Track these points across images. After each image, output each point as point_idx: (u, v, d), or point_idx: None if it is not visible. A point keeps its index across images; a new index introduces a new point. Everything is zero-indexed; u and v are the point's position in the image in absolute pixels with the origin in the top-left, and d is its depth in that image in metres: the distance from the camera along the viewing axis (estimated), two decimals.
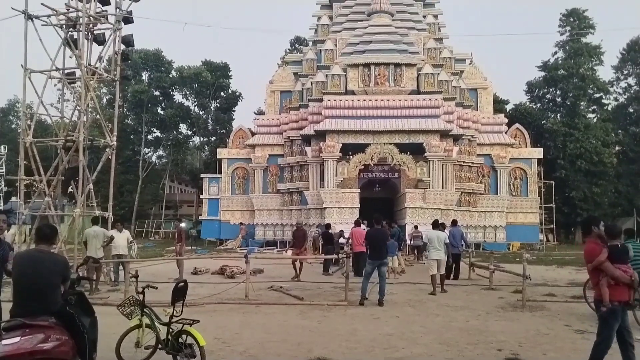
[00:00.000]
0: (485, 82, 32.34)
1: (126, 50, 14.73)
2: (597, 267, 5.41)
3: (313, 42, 33.54)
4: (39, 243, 4.58)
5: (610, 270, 5.35)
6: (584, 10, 41.41)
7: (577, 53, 40.43)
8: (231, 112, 49.06)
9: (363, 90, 28.08)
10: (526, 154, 31.59)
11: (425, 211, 25.65)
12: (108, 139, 13.97)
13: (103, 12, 14.17)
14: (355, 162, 26.27)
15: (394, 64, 28.21)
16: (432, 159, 26.69)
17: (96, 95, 15.00)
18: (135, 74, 43.79)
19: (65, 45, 13.89)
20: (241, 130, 34.35)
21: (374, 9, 29.89)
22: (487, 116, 31.50)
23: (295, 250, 16.57)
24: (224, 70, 47.35)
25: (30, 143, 13.18)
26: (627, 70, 44.47)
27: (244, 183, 32.66)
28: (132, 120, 46.14)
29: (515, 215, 30.71)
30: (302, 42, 45.33)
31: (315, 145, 28.23)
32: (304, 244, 16.78)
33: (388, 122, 26.86)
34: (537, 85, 43.74)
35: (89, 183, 13.25)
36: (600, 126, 39.39)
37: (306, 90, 30.32)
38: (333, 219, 24.86)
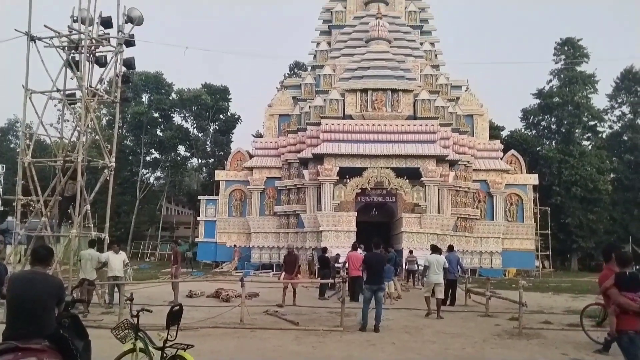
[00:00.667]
0: (481, 109, 32.70)
1: (127, 73, 14.87)
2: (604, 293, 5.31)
3: (312, 67, 33.95)
4: (34, 264, 4.57)
5: (615, 297, 5.23)
6: (578, 40, 42.15)
7: (571, 81, 41.01)
8: (230, 135, 49.36)
9: (360, 115, 28.34)
10: (522, 180, 31.77)
11: (421, 236, 25.67)
12: (106, 160, 14.01)
13: (105, 34, 14.34)
14: (352, 185, 26.36)
15: (391, 90, 28.54)
16: (429, 183, 26.81)
17: (96, 116, 15.08)
18: (135, 95, 44.15)
19: (66, 67, 14.02)
20: (239, 152, 34.50)
21: (372, 36, 30.36)
22: (483, 142, 31.77)
23: (286, 276, 15.42)
24: (224, 94, 47.79)
25: (28, 163, 13.20)
26: (621, 98, 45.06)
27: (241, 205, 32.65)
28: (131, 141, 46.29)
29: (511, 241, 30.72)
30: (301, 67, 45.87)
31: (313, 169, 28.35)
32: (295, 270, 15.65)
33: (385, 147, 27.05)
34: (532, 112, 44.23)
35: (86, 204, 13.24)
36: (595, 153, 39.73)
37: (304, 114, 30.58)
38: (329, 243, 24.84)
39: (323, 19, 34.60)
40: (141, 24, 14.14)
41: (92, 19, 13.70)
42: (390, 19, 31.88)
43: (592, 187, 37.94)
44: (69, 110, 16.14)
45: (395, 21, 32.24)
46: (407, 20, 33.21)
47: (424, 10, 34.30)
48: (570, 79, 41.08)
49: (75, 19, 13.91)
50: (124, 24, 14.04)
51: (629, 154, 43.85)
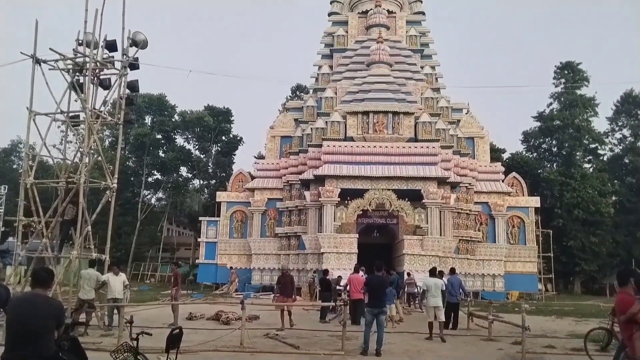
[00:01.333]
0: (481, 131, 32.85)
1: (131, 95, 15.03)
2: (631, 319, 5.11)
3: (314, 90, 34.26)
4: (35, 287, 4.58)
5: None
6: (578, 64, 42.52)
7: (572, 104, 41.25)
8: (232, 156, 49.56)
9: (362, 137, 28.48)
10: (523, 202, 31.73)
11: (423, 258, 25.55)
12: (109, 182, 14.06)
13: (110, 57, 14.54)
14: (353, 207, 26.35)
15: (392, 112, 28.74)
16: (430, 205, 26.78)
17: (99, 137, 15.20)
18: (138, 117, 44.44)
19: (71, 89, 14.18)
20: (241, 173, 34.60)
21: (373, 59, 30.70)
22: (484, 164, 31.83)
23: (280, 298, 14.65)
24: (226, 115, 48.13)
25: (31, 184, 13.26)
26: (621, 121, 45.28)
27: (242, 227, 32.60)
28: (133, 162, 46.46)
29: (513, 264, 30.54)
30: (303, 89, 46.27)
31: (314, 190, 28.37)
32: (291, 292, 14.77)
33: (386, 169, 27.11)
34: (533, 135, 44.39)
35: (87, 225, 13.25)
36: (597, 176, 39.74)
37: (306, 136, 30.75)
38: (331, 265, 24.72)
39: (325, 43, 35.05)
40: (145, 48, 14.35)
41: (97, 42, 13.91)
42: (391, 43, 32.27)
43: (594, 210, 37.84)
44: (72, 131, 16.26)
45: (396, 45, 32.62)
46: (407, 44, 33.61)
47: (424, 34, 34.74)
48: (570, 102, 41.34)
49: (80, 42, 14.12)
50: (129, 48, 14.25)
51: (630, 177, 43.86)
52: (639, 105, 44.14)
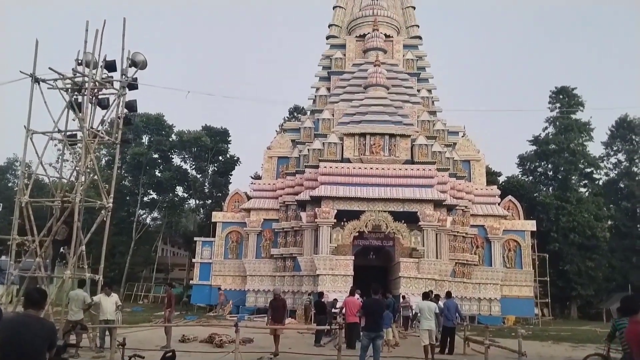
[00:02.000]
0: (477, 155, 33.00)
1: (129, 115, 15.08)
2: None
3: (311, 112, 34.45)
4: (27, 307, 4.51)
5: None
6: (573, 89, 42.95)
7: (567, 129, 41.57)
8: (228, 176, 49.56)
9: (359, 158, 28.57)
10: (519, 226, 31.72)
11: (419, 281, 25.40)
12: (104, 201, 14.01)
13: (109, 77, 14.63)
14: (349, 228, 26.26)
15: (389, 135, 28.87)
16: (426, 228, 26.74)
17: (95, 156, 15.19)
18: (135, 136, 44.52)
19: (69, 108, 14.23)
20: (237, 194, 34.53)
21: (370, 82, 30.97)
22: (480, 187, 31.90)
23: (272, 323, 14.17)
24: (224, 136, 48.30)
25: (26, 203, 13.19)
26: (616, 146, 45.63)
27: (237, 247, 32.39)
28: (129, 181, 46.38)
29: (509, 288, 30.38)
30: (301, 111, 46.56)
31: (310, 211, 28.31)
32: (282, 317, 14.37)
33: (383, 190, 27.12)
34: (529, 158, 44.64)
35: (82, 245, 13.15)
36: (592, 200, 39.85)
37: (303, 156, 30.82)
38: (326, 287, 24.53)
39: (323, 65, 35.39)
40: (144, 68, 14.45)
41: (96, 62, 14.01)
42: (388, 66, 32.61)
43: (590, 234, 37.87)
44: (69, 150, 16.26)
45: (393, 68, 32.96)
46: (404, 68, 33.95)
47: (421, 58, 35.14)
48: (565, 127, 41.67)
49: (80, 62, 14.22)
50: (128, 68, 14.34)
51: (625, 201, 44.01)
52: (633, 130, 44.55)
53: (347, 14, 36.91)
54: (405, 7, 36.88)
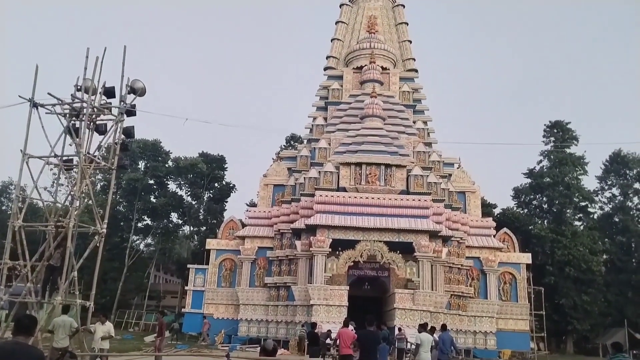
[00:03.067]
0: (473, 186, 33.12)
1: (126, 141, 15.10)
2: None
3: (308, 140, 34.67)
4: (17, 334, 4.46)
5: None
6: (567, 123, 43.48)
7: (561, 162, 41.91)
8: (223, 203, 49.49)
9: (354, 187, 28.62)
10: (515, 258, 31.62)
11: (414, 313, 25.16)
12: (98, 226, 13.91)
13: (107, 104, 14.70)
14: (344, 258, 26.12)
15: (385, 165, 29.01)
16: (422, 259, 26.62)
17: (91, 181, 15.16)
18: (132, 162, 44.55)
19: (66, 134, 14.25)
20: (232, 221, 34.38)
21: (367, 113, 31.30)
22: (475, 219, 31.89)
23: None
24: (220, 163, 48.43)
25: (19, 227, 13.09)
26: (610, 180, 45.94)
27: (230, 275, 32.08)
28: (124, 207, 46.19)
29: (505, 321, 30.08)
30: (297, 139, 46.85)
31: (305, 240, 28.18)
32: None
33: (378, 220, 27.07)
34: (524, 191, 44.82)
35: (74, 271, 12.99)
36: (587, 234, 39.88)
37: (299, 185, 30.85)
38: (320, 317, 24.26)
39: (320, 95, 35.81)
40: (143, 95, 14.55)
41: (95, 88, 14.10)
42: (384, 97, 33.02)
43: (586, 268, 37.77)
44: (65, 175, 16.23)
45: (389, 100, 33.36)
46: (400, 100, 34.37)
47: (416, 90, 35.62)
48: (560, 160, 42.01)
49: (79, 87, 14.31)
50: (127, 95, 14.44)
51: (620, 236, 44.06)
52: (627, 165, 44.94)
53: (345, 46, 37.55)
54: (402, 41, 37.57)
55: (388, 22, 38.20)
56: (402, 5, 38.83)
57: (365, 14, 38.16)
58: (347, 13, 38.71)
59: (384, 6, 38.61)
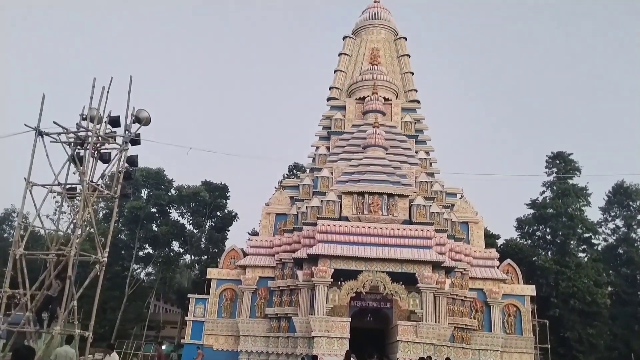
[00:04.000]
0: (476, 217, 32.96)
1: (129, 170, 15.21)
2: None
3: (310, 170, 34.76)
4: None
5: None
6: (569, 154, 43.54)
7: (564, 193, 41.82)
8: (225, 232, 49.35)
9: (357, 217, 28.54)
10: (519, 290, 31.22)
11: (417, 346, 24.71)
12: (99, 255, 13.87)
13: (112, 132, 14.86)
14: (346, 289, 25.84)
15: (387, 194, 28.98)
16: (425, 290, 26.30)
17: (93, 209, 15.18)
18: (135, 190, 44.68)
19: (70, 162, 14.37)
20: (233, 250, 34.17)
21: (369, 142, 31.46)
22: (478, 250, 31.64)
23: None
24: (222, 191, 48.49)
25: (20, 255, 13.06)
26: (614, 212, 45.74)
27: (231, 306, 31.68)
28: (125, 235, 46.08)
29: (510, 355, 29.50)
30: (300, 168, 47.01)
31: (307, 270, 27.94)
32: None
33: (381, 250, 26.88)
34: (527, 222, 44.58)
35: (73, 300, 12.90)
36: (592, 266, 39.50)
37: (301, 214, 30.79)
38: (321, 350, 23.85)
39: (323, 125, 36.09)
40: (148, 125, 14.72)
41: (100, 117, 14.29)
42: (387, 127, 33.23)
43: (591, 300, 37.25)
44: (67, 202, 16.27)
45: (391, 130, 33.57)
46: (402, 130, 34.57)
47: (419, 121, 35.87)
48: (563, 191, 41.93)
49: (84, 116, 14.50)
50: (132, 124, 14.61)
51: (625, 268, 43.61)
52: (630, 197, 44.81)
53: (348, 77, 38.02)
54: (404, 73, 38.03)
55: (390, 54, 38.75)
56: (404, 38, 39.45)
57: (368, 46, 38.76)
58: (350, 45, 39.34)
59: (386, 39, 39.24)
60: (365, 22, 39.88)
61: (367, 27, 39.63)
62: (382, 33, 39.37)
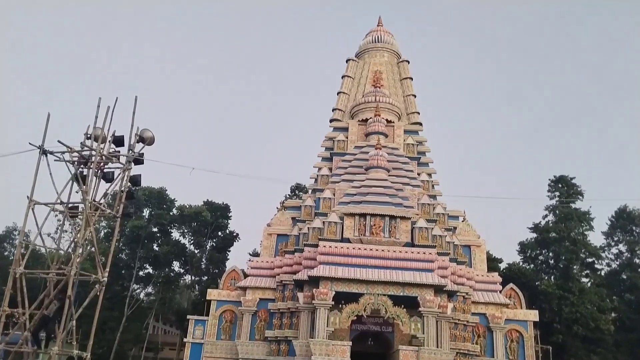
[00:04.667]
0: (478, 240, 32.77)
1: (132, 189, 15.23)
2: None
3: (312, 190, 34.75)
4: None
5: None
6: (571, 178, 43.39)
7: (567, 217, 41.58)
8: (226, 252, 49.12)
9: (358, 239, 28.41)
10: (522, 315, 30.84)
11: None
12: (99, 275, 13.80)
13: (116, 152, 14.92)
14: (347, 312, 25.56)
15: (389, 216, 28.88)
16: (427, 314, 25.99)
17: (95, 228, 15.15)
18: (136, 209, 44.63)
19: (73, 181, 14.40)
20: (234, 271, 33.93)
21: (372, 164, 31.50)
22: (481, 274, 31.35)
23: None
24: (224, 211, 48.40)
25: (20, 274, 12.99)
26: (617, 237, 45.49)
27: (230, 328, 31.33)
28: (126, 255, 45.91)
29: None
30: (302, 189, 46.98)
31: (308, 292, 27.69)
32: None
33: (382, 273, 26.67)
34: (530, 246, 44.27)
35: (72, 319, 12.79)
36: (595, 291, 39.08)
37: (303, 235, 30.66)
38: None
39: (325, 146, 36.22)
40: (152, 144, 14.79)
41: (105, 137, 14.37)
42: (389, 149, 33.30)
43: (594, 327, 36.77)
44: (69, 221, 16.27)
45: (393, 152, 33.63)
46: (405, 152, 34.63)
47: (421, 143, 35.95)
48: (565, 215, 41.69)
49: (88, 136, 14.58)
50: (136, 143, 14.68)
51: (629, 294, 43.16)
52: (633, 222, 44.60)
53: (351, 99, 38.27)
54: (406, 95, 38.27)
55: (393, 76, 39.06)
56: (406, 61, 39.82)
57: (370, 69, 39.10)
58: (353, 68, 39.69)
59: (389, 62, 39.61)
60: (369, 45, 40.30)
61: (370, 50, 40.05)
62: (385, 56, 39.75)
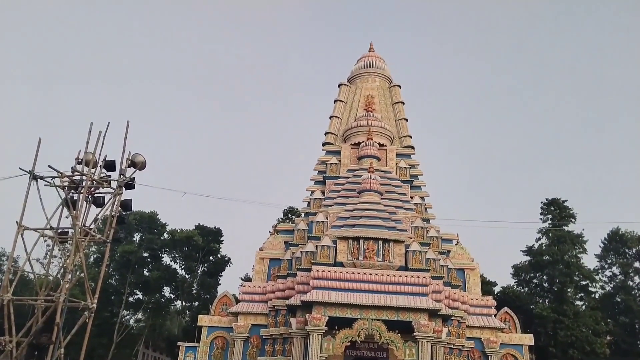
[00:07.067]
0: (472, 263, 32.64)
1: (123, 214, 15.07)
2: None
3: (305, 214, 34.62)
4: None
5: None
6: (564, 201, 43.59)
7: (560, 240, 41.61)
8: (218, 277, 48.56)
9: (352, 262, 28.20)
10: (517, 339, 30.56)
11: None
12: (88, 301, 13.53)
13: (107, 177, 14.81)
14: (341, 337, 25.20)
15: (383, 240, 28.76)
16: (421, 339, 25.67)
17: (84, 253, 14.93)
18: (127, 234, 44.15)
19: (63, 206, 14.23)
20: (225, 296, 33.47)
21: (365, 187, 31.51)
22: (475, 297, 31.13)
23: None
24: (216, 235, 48.01)
25: (8, 300, 12.71)
26: (610, 259, 45.51)
27: (222, 354, 30.73)
28: (116, 280, 45.22)
29: None
30: (295, 212, 46.81)
31: (301, 317, 27.32)
32: None
33: (376, 297, 26.41)
34: (524, 269, 44.19)
35: (60, 347, 12.48)
36: (590, 314, 38.91)
37: (295, 259, 30.40)
38: None
39: (318, 170, 36.27)
40: (143, 169, 14.70)
41: (96, 161, 14.26)
42: (382, 173, 33.38)
43: (590, 350, 36.52)
44: (59, 247, 16.02)
45: (386, 175, 33.70)
46: (397, 175, 34.75)
47: (413, 166, 36.10)
48: (558, 238, 41.72)
49: (79, 160, 14.47)
50: (127, 168, 14.58)
51: (623, 317, 42.99)
52: (626, 244, 44.69)
53: (343, 123, 38.51)
54: (398, 119, 38.60)
55: (385, 101, 39.42)
56: (398, 86, 40.25)
57: (363, 94, 39.47)
58: (346, 92, 40.05)
59: (380, 86, 40.02)
60: (361, 70, 40.77)
61: (362, 75, 40.49)
62: (377, 81, 40.18)
